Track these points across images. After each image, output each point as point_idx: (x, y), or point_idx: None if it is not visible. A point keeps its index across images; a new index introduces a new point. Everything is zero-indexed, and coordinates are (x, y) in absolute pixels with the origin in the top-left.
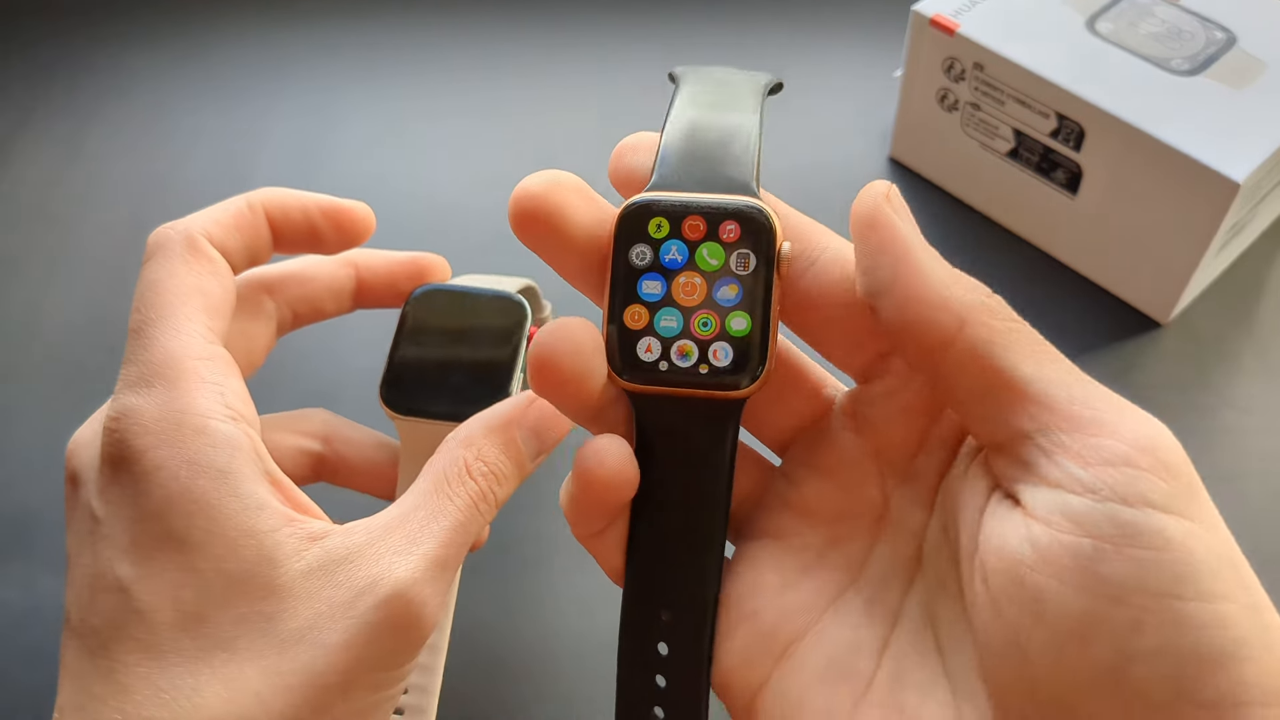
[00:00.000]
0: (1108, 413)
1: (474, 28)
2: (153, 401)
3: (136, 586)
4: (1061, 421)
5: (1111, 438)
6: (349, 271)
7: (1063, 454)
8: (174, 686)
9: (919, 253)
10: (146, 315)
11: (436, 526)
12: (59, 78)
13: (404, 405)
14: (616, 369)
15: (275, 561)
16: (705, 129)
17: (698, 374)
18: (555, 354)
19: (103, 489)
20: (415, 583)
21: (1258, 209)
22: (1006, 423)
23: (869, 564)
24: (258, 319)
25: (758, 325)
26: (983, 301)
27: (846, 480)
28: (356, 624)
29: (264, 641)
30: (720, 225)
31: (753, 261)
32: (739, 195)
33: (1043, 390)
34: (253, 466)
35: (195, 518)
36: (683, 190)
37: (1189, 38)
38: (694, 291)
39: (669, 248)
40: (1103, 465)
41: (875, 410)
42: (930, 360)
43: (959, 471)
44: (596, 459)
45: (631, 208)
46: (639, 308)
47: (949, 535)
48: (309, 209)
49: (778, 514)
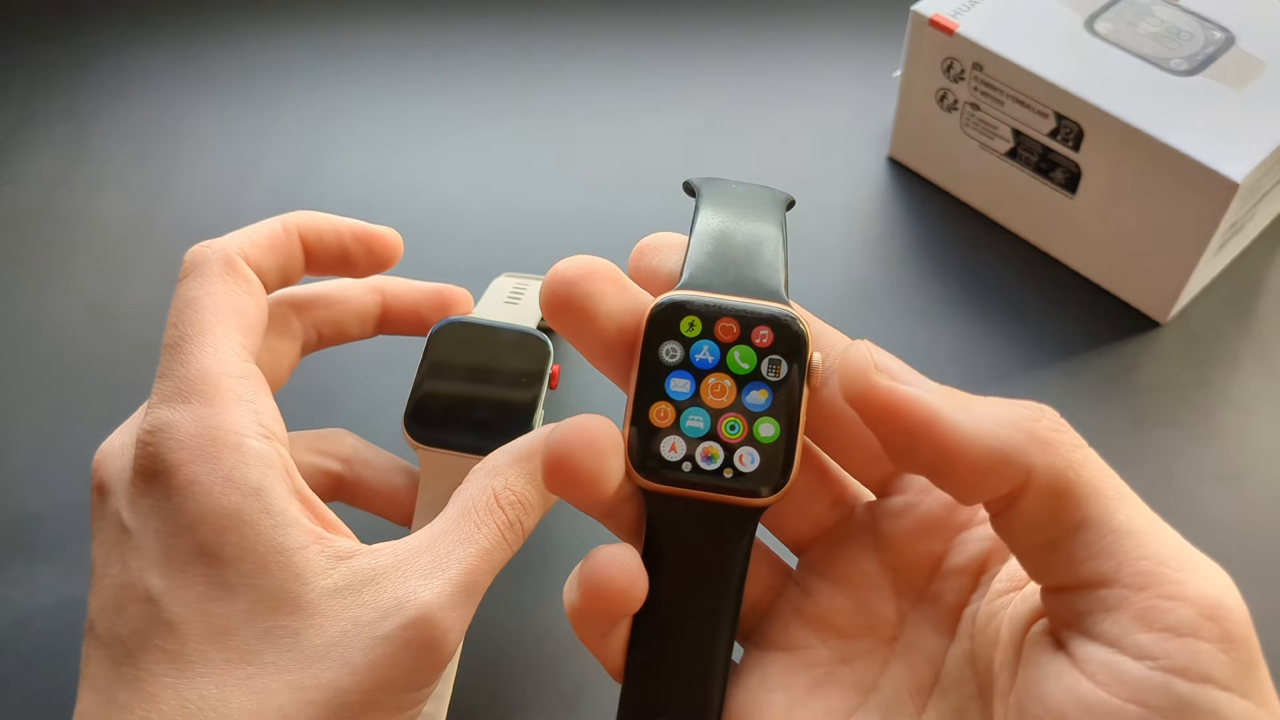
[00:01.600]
0: (1176, 569)
1: (478, 30)
2: (188, 417)
3: (166, 598)
4: (1127, 575)
5: (1177, 600)
6: (375, 298)
7: (1125, 613)
8: (200, 698)
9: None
10: (184, 332)
11: (463, 553)
12: (60, 79)
13: (426, 436)
14: (637, 466)
15: (303, 578)
16: (734, 234)
17: (721, 478)
18: (571, 452)
19: (133, 500)
20: (440, 606)
21: (1256, 208)
22: (1068, 572)
23: (880, 686)
24: (285, 337)
25: (785, 433)
26: (1039, 435)
27: (861, 595)
28: (381, 644)
29: (289, 657)
30: (754, 330)
31: (784, 368)
32: (771, 301)
33: (1109, 541)
34: (284, 484)
35: (228, 533)
36: (714, 291)
37: (1188, 37)
38: (723, 393)
39: (700, 347)
40: (1165, 632)
41: (891, 527)
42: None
43: (993, 603)
44: (605, 571)
45: (665, 305)
46: (666, 405)
47: (976, 667)
48: (341, 233)
49: (789, 624)
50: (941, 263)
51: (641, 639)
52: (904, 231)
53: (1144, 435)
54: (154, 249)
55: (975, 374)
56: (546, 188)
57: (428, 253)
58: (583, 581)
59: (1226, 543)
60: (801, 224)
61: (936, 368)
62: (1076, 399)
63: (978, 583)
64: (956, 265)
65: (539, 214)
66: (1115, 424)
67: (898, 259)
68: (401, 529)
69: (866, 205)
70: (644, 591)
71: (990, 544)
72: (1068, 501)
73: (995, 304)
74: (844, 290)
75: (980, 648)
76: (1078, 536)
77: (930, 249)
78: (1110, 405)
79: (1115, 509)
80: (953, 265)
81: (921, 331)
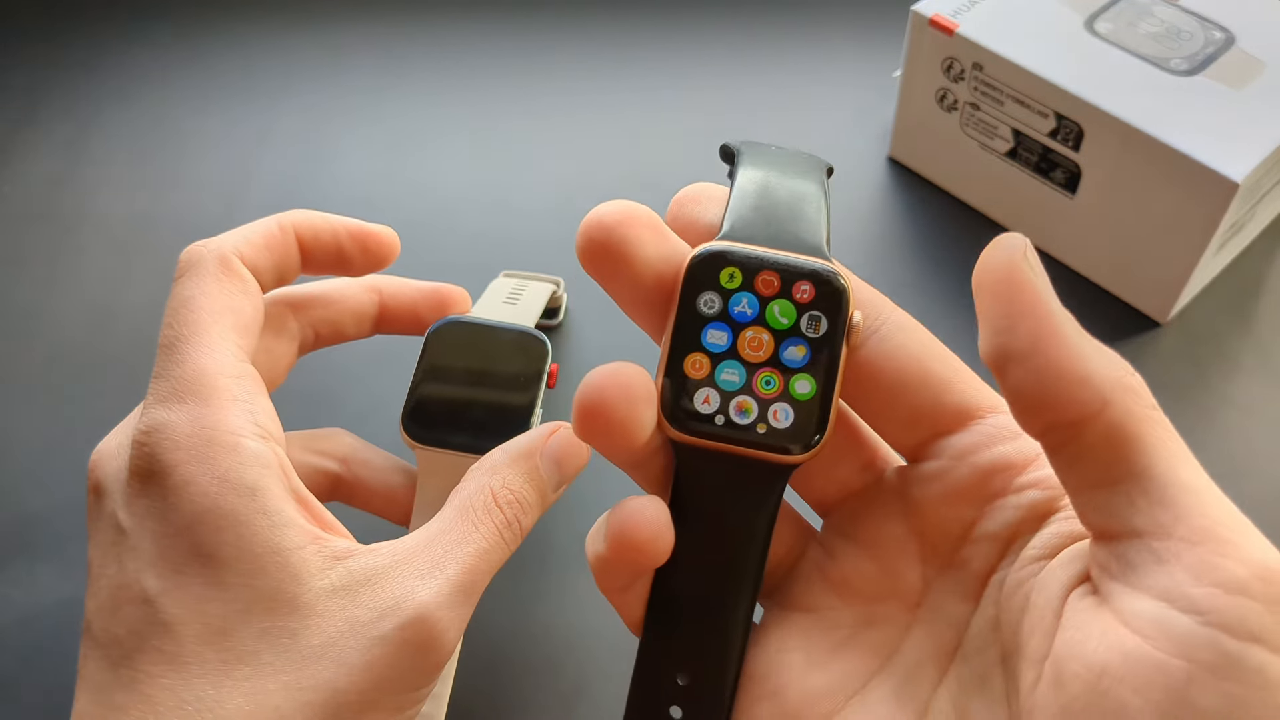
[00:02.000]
0: (1233, 531)
1: (478, 30)
2: (184, 417)
3: (163, 599)
4: (1184, 530)
5: (1231, 558)
6: (373, 297)
7: (1177, 565)
8: (197, 699)
9: (1062, 320)
10: (179, 331)
11: (461, 552)
12: (60, 79)
13: (424, 435)
14: (669, 417)
15: (300, 579)
16: (777, 188)
17: (754, 433)
18: (606, 399)
19: (130, 501)
20: (437, 606)
21: (1256, 208)
22: (1124, 517)
23: (901, 651)
24: (282, 336)
25: (821, 391)
26: (1124, 381)
27: (886, 559)
28: (378, 644)
29: (286, 657)
30: (795, 284)
31: (824, 325)
32: (814, 257)
33: (1172, 493)
34: (280, 484)
35: (224, 533)
36: (755, 244)
37: (1188, 37)
38: (760, 348)
39: (739, 299)
40: (1216, 586)
41: (922, 492)
42: (1061, 437)
43: (1023, 570)
44: (633, 522)
45: (705, 255)
46: (701, 356)
47: (1001, 633)
48: (338, 232)
49: (812, 585)
50: (941, 263)
51: (663, 593)
52: (904, 231)
53: None
54: (155, 249)
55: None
56: (546, 187)
57: (427, 252)
58: (611, 532)
59: None
60: None
61: None
62: None
63: (1007, 550)
64: (956, 265)
65: (539, 213)
66: None
67: (898, 259)
68: (400, 529)
69: (866, 205)
70: (670, 545)
71: (1023, 512)
72: (1134, 446)
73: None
74: None
75: (1006, 614)
76: (1139, 483)
77: (930, 249)
78: None
79: (1179, 465)
80: (953, 265)
81: None
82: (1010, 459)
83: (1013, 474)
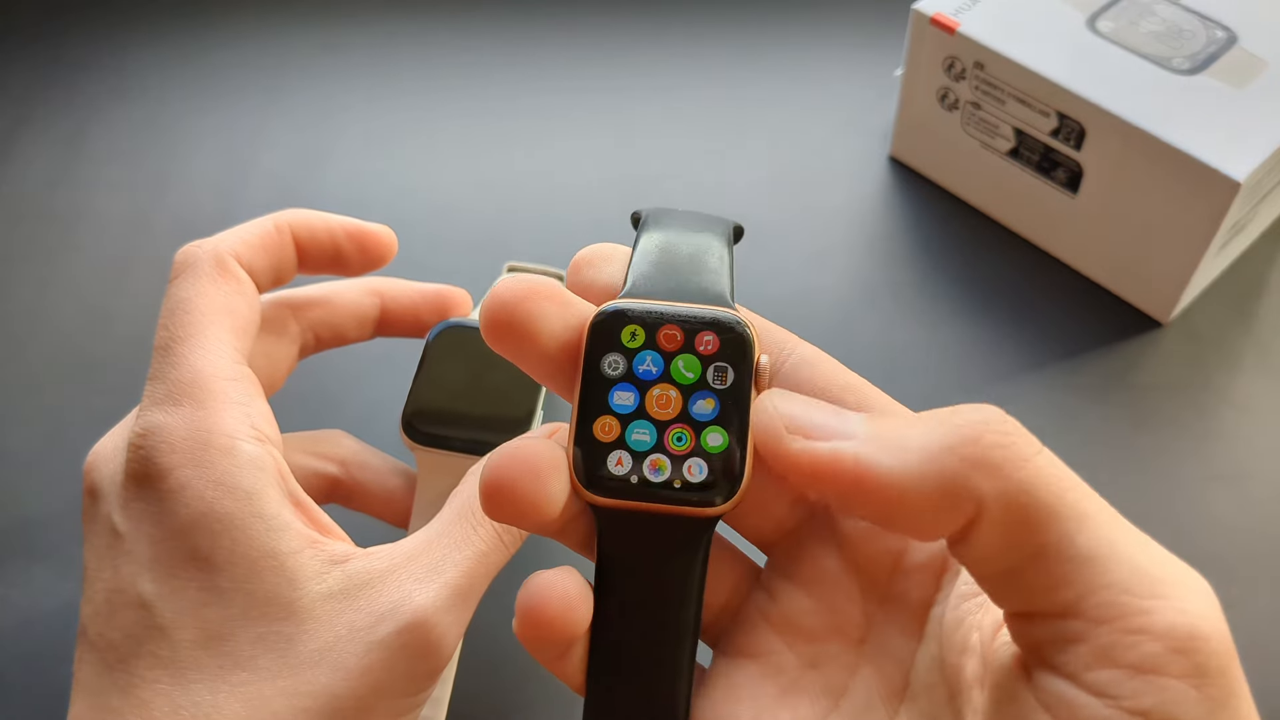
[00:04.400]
0: (1142, 597)
1: (477, 29)
2: (180, 420)
3: (159, 603)
4: (1089, 608)
5: (1142, 634)
6: (374, 300)
7: (1085, 647)
8: (193, 704)
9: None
10: (175, 333)
11: (459, 555)
12: (59, 77)
13: (423, 436)
14: (583, 482)
15: (296, 583)
16: (679, 244)
17: (671, 489)
18: (510, 479)
19: (125, 504)
20: (435, 610)
21: (1258, 208)
22: (1028, 600)
23: (850, 690)
24: (282, 340)
25: (734, 441)
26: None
27: (826, 595)
28: (375, 649)
29: (283, 662)
30: (697, 336)
31: (730, 376)
32: (716, 306)
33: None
34: (277, 488)
35: (220, 537)
36: (657, 299)
37: (1189, 36)
38: (668, 404)
39: (644, 358)
40: (1127, 669)
41: (851, 524)
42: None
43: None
44: (539, 598)
45: (605, 315)
46: (610, 419)
47: (945, 673)
48: (334, 231)
49: (756, 629)
50: (942, 262)
51: (600, 655)
52: (905, 231)
53: (1145, 435)
54: (153, 248)
55: (975, 374)
56: (546, 187)
57: (426, 252)
58: (519, 610)
59: (1228, 543)
60: (802, 224)
61: (937, 368)
62: (1078, 399)
63: (940, 582)
64: (957, 265)
65: (538, 213)
66: (1116, 424)
67: (898, 259)
68: (399, 531)
69: (867, 205)
70: (586, 616)
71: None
72: (1024, 527)
73: (996, 304)
74: (844, 290)
75: (949, 653)
76: (1037, 564)
77: (931, 248)
78: (1111, 405)
79: (1076, 530)
80: (953, 265)
81: (921, 331)
82: None
83: None
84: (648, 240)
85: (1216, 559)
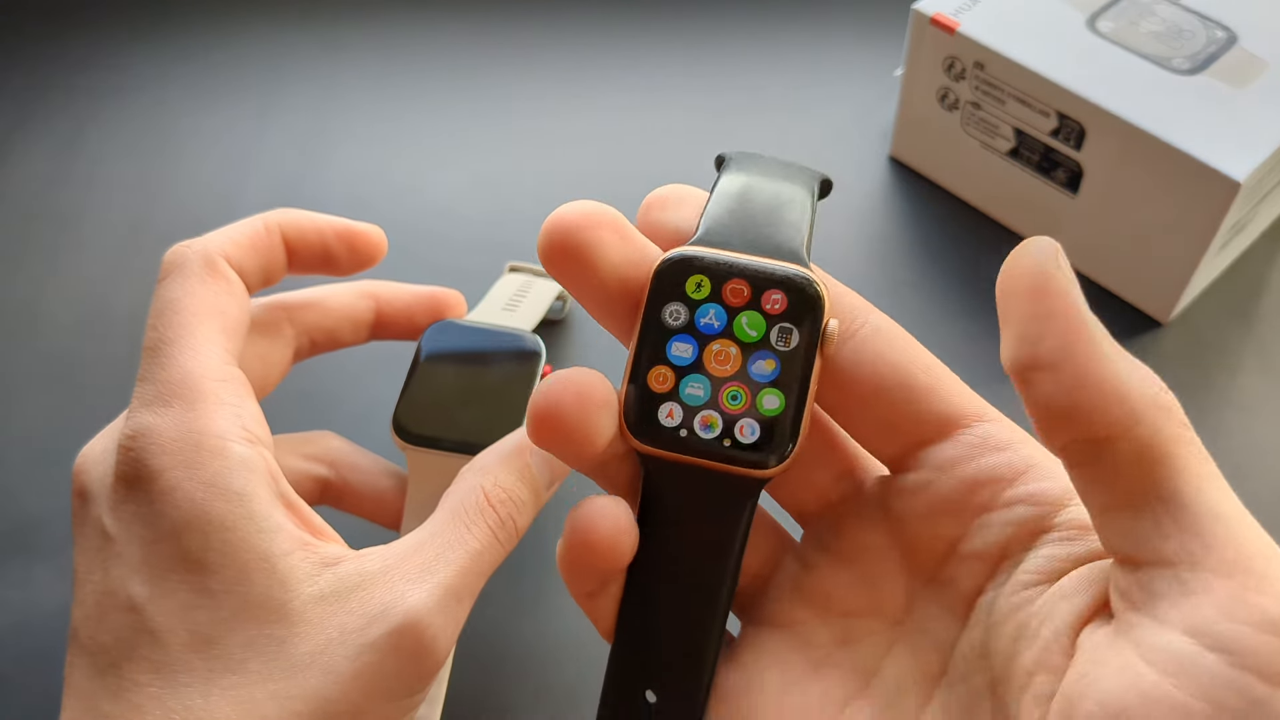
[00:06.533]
0: (1268, 563)
1: (478, 28)
2: (170, 421)
3: (150, 606)
4: (1214, 560)
5: (1266, 594)
6: (369, 303)
7: (1206, 599)
8: (185, 707)
9: (1095, 330)
10: (164, 334)
11: (452, 555)
12: (58, 77)
13: (414, 436)
14: (631, 428)
15: (288, 585)
16: (759, 192)
17: (720, 447)
18: (561, 405)
19: (115, 507)
20: (428, 612)
21: (1258, 208)
22: (1150, 544)
23: (883, 671)
24: (275, 342)
25: (791, 406)
26: (1159, 399)
27: (868, 573)
28: (367, 652)
29: (274, 665)
30: (765, 293)
31: (795, 338)
32: (789, 263)
33: (1203, 521)
34: (268, 490)
35: (210, 539)
36: (729, 249)
37: (1190, 36)
38: (727, 361)
39: (706, 311)
40: (1246, 624)
41: (905, 504)
42: (1085, 454)
43: (1017, 595)
44: (589, 521)
45: (670, 261)
46: (665, 369)
47: (990, 660)
48: (324, 231)
49: (789, 599)
50: (942, 262)
51: (633, 602)
52: (905, 231)
53: None
54: (153, 248)
55: (975, 374)
56: (546, 188)
57: (426, 251)
58: (568, 530)
59: None
60: None
61: None
62: None
63: (996, 570)
64: (957, 265)
65: (537, 214)
66: None
67: (898, 258)
68: (392, 533)
69: (867, 205)
70: (632, 546)
71: (1012, 529)
72: (1164, 468)
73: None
74: None
75: (997, 641)
76: (1168, 508)
77: (931, 248)
78: None
79: (1212, 490)
80: (953, 265)
81: (921, 331)
82: (997, 471)
83: (1000, 487)
84: (728, 182)
85: None
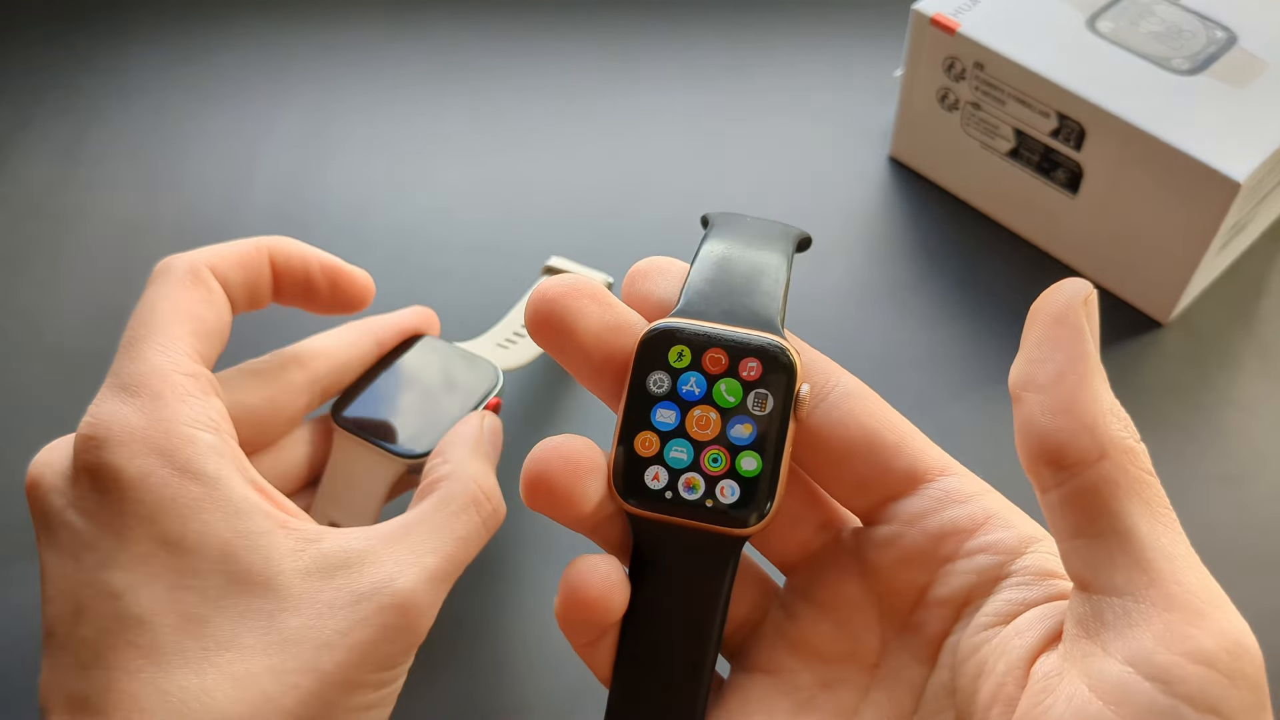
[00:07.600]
0: (1204, 604)
1: (478, 33)
2: (136, 409)
3: (131, 592)
4: (1157, 595)
5: (1200, 630)
6: (370, 340)
7: (1146, 630)
8: (180, 689)
9: (1093, 368)
10: (137, 332)
11: (438, 541)
12: (59, 78)
13: (346, 421)
14: (620, 490)
15: (271, 561)
16: (737, 261)
17: (703, 508)
18: (550, 472)
19: (80, 498)
20: (416, 591)
21: (1258, 208)
22: (1104, 572)
23: (860, 713)
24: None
25: (768, 467)
26: (1128, 442)
27: (845, 621)
28: (360, 627)
29: (267, 640)
30: (741, 361)
31: (770, 403)
32: (763, 332)
33: (1150, 557)
34: (240, 474)
35: (189, 521)
36: (708, 319)
37: (1190, 37)
38: (708, 426)
39: (688, 379)
40: (1183, 656)
41: (878, 555)
42: (1053, 478)
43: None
44: (580, 579)
45: (654, 333)
46: (650, 435)
47: (955, 698)
48: (310, 264)
49: (773, 647)
50: (942, 263)
51: (628, 650)
52: (904, 231)
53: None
54: (154, 249)
55: (975, 374)
56: (546, 191)
57: (427, 253)
58: (562, 588)
59: (1228, 543)
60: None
61: (937, 368)
62: None
63: (960, 614)
64: (957, 265)
65: (537, 217)
66: None
67: (898, 259)
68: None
69: (867, 205)
70: (623, 601)
71: (974, 577)
72: (1121, 504)
73: (996, 304)
74: (844, 290)
75: (961, 679)
76: (1121, 541)
77: (931, 249)
78: None
79: (1162, 532)
80: (953, 265)
81: (921, 331)
82: (959, 523)
83: (962, 538)
84: (708, 251)
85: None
